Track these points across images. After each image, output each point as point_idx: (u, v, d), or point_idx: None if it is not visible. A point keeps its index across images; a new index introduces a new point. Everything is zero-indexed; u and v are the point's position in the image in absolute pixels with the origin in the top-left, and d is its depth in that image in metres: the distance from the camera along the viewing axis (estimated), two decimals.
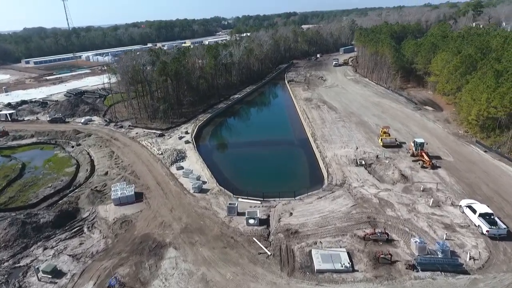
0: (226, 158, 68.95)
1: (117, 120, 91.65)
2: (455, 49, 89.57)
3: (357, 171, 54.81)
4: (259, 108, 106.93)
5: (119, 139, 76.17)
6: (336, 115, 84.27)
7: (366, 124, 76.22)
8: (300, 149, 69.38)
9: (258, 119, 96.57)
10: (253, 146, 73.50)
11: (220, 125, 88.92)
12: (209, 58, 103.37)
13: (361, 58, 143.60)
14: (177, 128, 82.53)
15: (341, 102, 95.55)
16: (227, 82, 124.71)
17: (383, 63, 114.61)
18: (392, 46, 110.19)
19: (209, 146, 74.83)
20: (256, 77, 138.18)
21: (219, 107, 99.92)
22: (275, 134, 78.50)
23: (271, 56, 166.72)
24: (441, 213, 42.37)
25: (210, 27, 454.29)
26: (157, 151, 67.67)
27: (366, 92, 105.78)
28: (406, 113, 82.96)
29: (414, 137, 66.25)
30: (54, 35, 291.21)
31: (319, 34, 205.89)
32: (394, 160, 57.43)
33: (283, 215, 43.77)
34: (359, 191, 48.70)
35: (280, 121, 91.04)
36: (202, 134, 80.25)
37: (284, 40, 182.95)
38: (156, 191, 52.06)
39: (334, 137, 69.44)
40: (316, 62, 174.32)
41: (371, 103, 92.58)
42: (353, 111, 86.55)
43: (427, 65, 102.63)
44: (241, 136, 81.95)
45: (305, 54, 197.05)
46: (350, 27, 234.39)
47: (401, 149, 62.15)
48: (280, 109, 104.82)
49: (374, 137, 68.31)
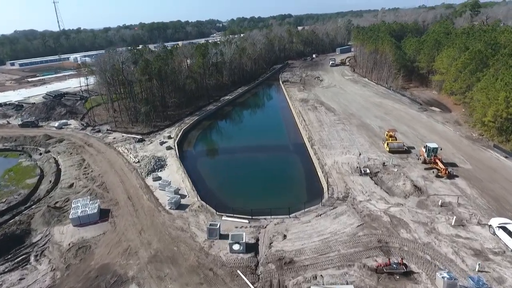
0: (211, 166, 60.95)
1: (95, 124, 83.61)
2: (462, 45, 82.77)
3: (362, 181, 47.24)
4: (251, 110, 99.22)
5: (94, 145, 68.08)
6: (335, 117, 76.87)
7: (368, 127, 68.86)
8: (296, 155, 61.73)
9: (250, 122, 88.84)
10: (243, 152, 65.65)
11: (208, 129, 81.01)
12: (198, 57, 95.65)
13: (359, 57, 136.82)
14: (160, 132, 74.61)
15: (339, 103, 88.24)
16: (218, 83, 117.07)
17: (383, 62, 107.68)
18: (393, 43, 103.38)
19: (194, 153, 66.86)
20: (249, 77, 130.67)
21: (208, 109, 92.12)
22: (268, 139, 70.76)
23: (265, 56, 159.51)
24: (467, 234, 34.82)
25: (204, 29, 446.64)
26: (134, 158, 59.67)
27: (366, 92, 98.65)
28: (411, 114, 75.77)
29: (423, 141, 59.06)
30: (42, 36, 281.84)
31: (314, 34, 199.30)
32: (403, 168, 49.95)
33: (275, 238, 35.97)
34: (366, 206, 41.07)
35: (273, 124, 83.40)
36: (187, 139, 72.31)
37: (279, 40, 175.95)
38: (126, 208, 44.03)
39: (334, 142, 61.94)
40: (312, 63, 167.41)
41: (372, 104, 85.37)
42: (353, 112, 79.23)
43: (430, 63, 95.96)
44: (230, 141, 74.15)
45: (300, 54, 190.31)
46: (346, 27, 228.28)
47: (410, 155, 54.75)
48: (273, 111, 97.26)
49: (378, 141, 60.89)
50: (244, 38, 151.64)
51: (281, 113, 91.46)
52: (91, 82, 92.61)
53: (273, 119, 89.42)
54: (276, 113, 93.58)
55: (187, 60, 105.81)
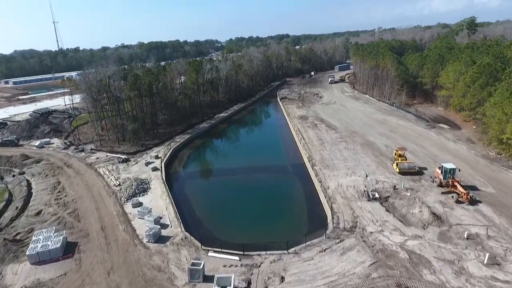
0: (201, 190, 54.65)
1: (80, 142, 77.96)
2: (468, 59, 78.57)
3: (371, 208, 41.16)
4: (247, 128, 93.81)
5: (73, 166, 62.10)
6: (337, 134, 71.47)
7: (373, 145, 63.31)
8: (295, 177, 55.72)
9: (245, 140, 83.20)
10: (237, 173, 59.58)
11: (200, 148, 75.22)
12: (191, 72, 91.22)
13: (359, 74, 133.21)
14: (147, 151, 68.85)
15: (341, 120, 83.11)
16: (213, 100, 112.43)
17: (384, 78, 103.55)
18: (395, 57, 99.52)
19: (183, 175, 60.77)
20: (246, 94, 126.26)
21: (201, 127, 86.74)
22: (264, 159, 64.90)
23: (262, 74, 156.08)
24: (505, 276, 28.56)
25: (203, 49, 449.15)
26: (115, 181, 53.58)
27: (368, 109, 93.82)
28: (418, 132, 70.45)
29: (435, 161, 53.45)
30: (38, 55, 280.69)
31: (312, 51, 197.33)
32: (417, 193, 43.99)
33: (271, 282, 29.57)
34: (378, 239, 34.84)
35: (270, 143, 77.75)
36: (176, 159, 66.43)
37: (276, 57, 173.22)
38: (97, 240, 37.65)
39: (337, 162, 56.17)
40: (310, 80, 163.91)
41: (375, 121, 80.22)
42: (356, 130, 73.90)
43: (434, 78, 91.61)
44: (224, 161, 68.25)
45: (298, 72, 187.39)
46: (344, 45, 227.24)
47: (423, 176, 48.89)
48: (271, 129, 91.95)
49: (386, 161, 55.17)
50: (241, 55, 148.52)
51: (279, 131, 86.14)
52: (77, 99, 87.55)
53: (270, 137, 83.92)
54: (274, 131, 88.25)
55: (181, 77, 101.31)
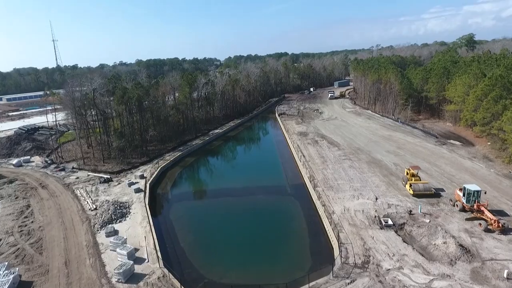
0: (188, 216, 48.09)
1: (62, 161, 72.11)
2: (478, 71, 74.08)
3: (385, 237, 34.95)
4: (243, 145, 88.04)
5: (49, 187, 55.95)
6: (340, 152, 65.82)
7: (381, 164, 57.53)
8: (295, 200, 49.48)
9: (241, 159, 77.23)
10: (230, 196, 53.27)
11: (191, 167, 69.12)
12: (183, 85, 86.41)
13: (360, 89, 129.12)
14: (133, 170, 62.94)
15: (343, 136, 77.68)
16: (208, 116, 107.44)
17: (387, 92, 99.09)
18: (398, 71, 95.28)
19: (169, 197, 54.43)
20: (243, 110, 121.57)
21: (194, 144, 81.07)
22: (261, 179, 58.84)
23: (260, 89, 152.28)
24: None
25: (201, 66, 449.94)
26: (91, 204, 47.36)
27: (372, 124, 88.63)
28: (429, 148, 64.87)
29: (452, 181, 47.65)
30: (35, 72, 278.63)
31: (311, 68, 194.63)
32: (437, 219, 37.89)
33: None
34: (397, 278, 28.52)
35: (268, 161, 71.83)
36: (163, 180, 60.33)
37: (275, 73, 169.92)
38: (56, 279, 31.19)
39: (341, 182, 50.22)
40: (309, 96, 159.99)
41: (380, 137, 74.81)
42: (360, 147, 68.34)
43: (441, 93, 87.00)
44: (216, 182, 62.07)
45: (297, 88, 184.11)
46: (343, 62, 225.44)
47: (441, 199, 42.88)
48: (268, 146, 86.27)
49: (397, 181, 49.26)
50: (239, 70, 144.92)
51: (277, 147, 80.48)
52: (61, 114, 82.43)
53: (267, 154, 78.07)
54: (271, 148, 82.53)
55: (175, 92, 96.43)
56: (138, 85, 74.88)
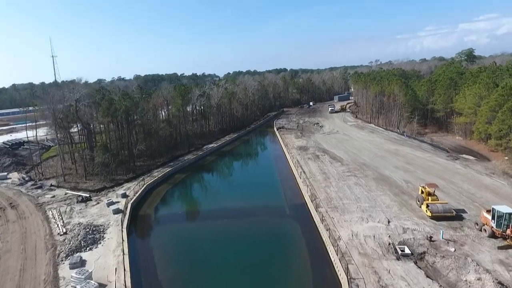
0: (172, 242, 41.59)
1: (41, 177, 66.48)
2: (489, 80, 69.51)
3: (404, 271, 28.93)
4: (239, 161, 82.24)
5: (19, 207, 50.00)
6: (343, 167, 60.22)
7: (389, 181, 51.84)
8: (295, 223, 43.44)
9: (236, 175, 71.32)
10: (222, 218, 47.16)
11: (180, 185, 63.07)
12: (176, 97, 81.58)
13: (362, 102, 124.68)
14: (115, 188, 57.18)
15: (346, 150, 72.26)
16: (203, 130, 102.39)
17: (391, 105, 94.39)
18: (403, 82, 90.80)
19: (152, 220, 48.20)
20: (240, 124, 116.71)
21: (185, 159, 75.47)
22: (257, 198, 52.95)
23: (259, 103, 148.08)
24: None
25: (200, 81, 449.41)
26: (61, 228, 41.35)
27: (376, 138, 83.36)
28: (441, 164, 59.31)
29: (473, 200, 41.97)
30: (30, 87, 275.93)
31: (311, 82, 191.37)
32: (463, 247, 31.97)
33: None
34: None
35: (264, 178, 66.02)
36: (148, 199, 54.36)
37: (273, 87, 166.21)
38: None
39: (347, 202, 44.42)
40: (309, 110, 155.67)
41: (387, 152, 69.38)
42: (365, 162, 62.80)
43: (448, 105, 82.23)
44: (207, 201, 56.12)
45: (296, 102, 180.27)
46: (342, 77, 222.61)
47: (464, 222, 37.03)
48: (266, 161, 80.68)
49: (410, 201, 43.47)
50: (236, 84, 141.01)
51: (275, 163, 74.89)
52: (44, 128, 77.15)
53: (264, 171, 72.31)
54: (269, 164, 76.91)
55: (168, 105, 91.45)
56: (126, 96, 69.86)
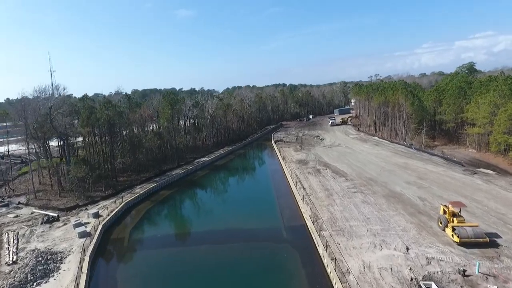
0: (146, 273, 34.33)
1: (12, 194, 59.84)
2: (505, 87, 63.77)
3: None
4: (232, 176, 75.20)
5: None
6: (348, 183, 53.52)
7: (402, 198, 45.08)
8: (293, 250, 36.34)
9: (227, 192, 64.30)
10: (208, 243, 40.03)
11: (163, 203, 55.93)
12: (164, 106, 75.61)
13: (364, 114, 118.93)
14: (89, 207, 50.33)
15: (350, 164, 65.72)
16: (196, 142, 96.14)
17: (396, 116, 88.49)
18: (408, 91, 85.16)
19: (125, 244, 40.94)
20: (236, 137, 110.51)
21: (174, 174, 68.75)
22: (250, 219, 45.99)
23: (256, 116, 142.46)
24: None
25: (198, 97, 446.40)
26: (11, 256, 34.34)
27: (381, 151, 76.94)
28: (457, 179, 52.65)
29: (504, 222, 35.47)
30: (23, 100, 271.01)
31: (310, 95, 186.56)
32: (507, 284, 25.03)
33: None
34: None
35: (260, 196, 59.11)
36: (124, 219, 47.38)
37: (272, 100, 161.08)
38: None
39: (355, 224, 37.55)
40: (309, 123, 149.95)
41: (395, 166, 62.83)
42: (372, 177, 56.15)
43: (458, 115, 76.30)
44: (192, 223, 49.16)
45: (295, 116, 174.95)
46: (342, 90, 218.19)
47: (501, 250, 30.14)
48: (262, 176, 73.93)
49: (430, 222, 36.64)
50: (232, 95, 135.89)
51: (272, 178, 68.19)
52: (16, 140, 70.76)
53: (260, 187, 65.48)
54: (265, 179, 70.17)
55: (158, 116, 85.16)
56: (108, 104, 63.80)
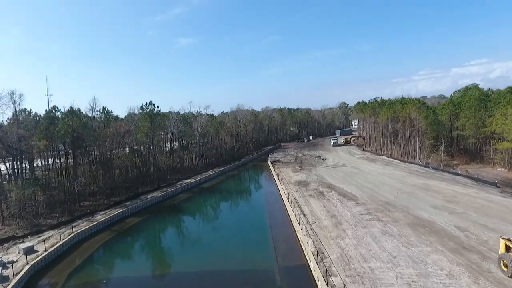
0: None
1: None
2: None
3: None
4: (218, 200, 63.74)
5: None
6: (359, 207, 42.62)
7: (434, 227, 34.08)
8: None
9: (209, 220, 52.93)
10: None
11: (126, 235, 44.37)
12: (142, 119, 65.86)
13: (370, 132, 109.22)
14: (25, 239, 39.15)
15: (359, 186, 54.99)
16: (184, 163, 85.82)
17: (407, 133, 78.62)
18: (421, 103, 75.77)
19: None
20: (228, 158, 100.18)
21: (149, 198, 57.82)
22: (233, 257, 34.84)
23: (252, 136, 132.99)
24: None
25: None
26: None
27: (394, 171, 66.35)
28: (497, 202, 41.81)
29: None
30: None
31: (309, 115, 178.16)
32: None
33: None
34: None
35: (248, 224, 47.86)
36: (68, 256, 35.94)
37: (269, 120, 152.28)
38: None
39: (377, 266, 26.46)
40: (309, 144, 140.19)
41: (414, 187, 52.07)
42: (388, 200, 45.30)
43: (480, 129, 66.48)
44: (160, 261, 37.89)
45: (295, 137, 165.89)
46: (343, 111, 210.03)
47: None
48: (254, 201, 62.89)
49: (485, 264, 25.55)
50: (226, 114, 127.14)
51: (266, 202, 57.27)
52: None
53: (250, 213, 54.19)
54: (257, 204, 59.17)
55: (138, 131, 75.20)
56: (72, 114, 54.01)
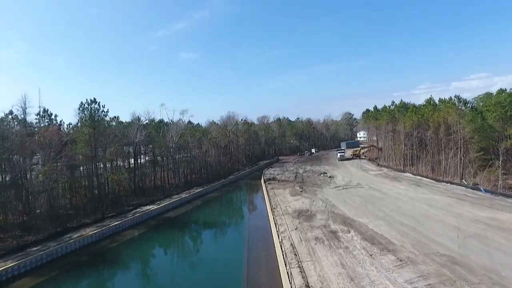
0: None
1: None
2: None
3: None
4: (178, 243, 44.07)
5: None
6: (406, 269, 23.63)
7: None
8: None
9: (149, 282, 33.71)
10: None
11: None
12: (82, 122, 47.94)
13: (385, 144, 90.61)
14: None
15: (391, 221, 36.03)
16: (156, 182, 67.31)
17: (441, 143, 60.01)
18: (463, 102, 57.20)
19: None
20: (213, 175, 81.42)
21: (73, 239, 38.81)
22: None
23: (245, 149, 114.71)
24: None
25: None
26: None
27: (434, 196, 47.34)
28: None
29: None
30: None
31: (311, 125, 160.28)
32: None
33: None
34: None
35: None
36: None
37: (266, 130, 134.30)
38: None
39: None
40: (311, 157, 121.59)
41: (479, 224, 33.12)
42: (451, 253, 26.40)
43: None
44: None
45: (295, 150, 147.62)
46: (347, 122, 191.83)
47: None
48: (229, 243, 43.31)
49: None
50: (213, 122, 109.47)
51: (248, 247, 37.93)
52: None
53: (218, 272, 34.69)
54: (235, 250, 39.52)
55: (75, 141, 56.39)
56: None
